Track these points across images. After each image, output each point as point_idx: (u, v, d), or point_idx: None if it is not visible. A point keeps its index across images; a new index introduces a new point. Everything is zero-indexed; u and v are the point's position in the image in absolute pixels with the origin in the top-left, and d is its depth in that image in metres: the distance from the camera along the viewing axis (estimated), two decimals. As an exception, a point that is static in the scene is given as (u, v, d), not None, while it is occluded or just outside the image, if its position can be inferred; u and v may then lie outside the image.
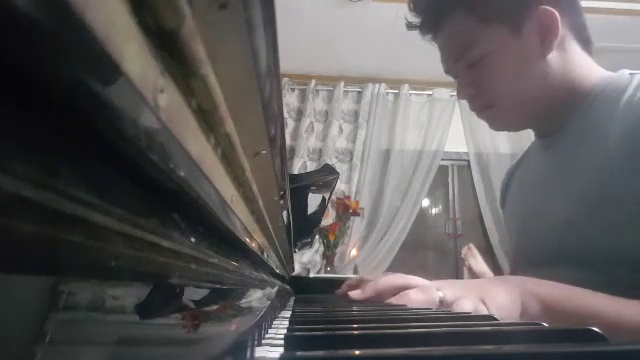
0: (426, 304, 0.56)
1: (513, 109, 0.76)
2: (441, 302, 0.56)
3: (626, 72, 0.71)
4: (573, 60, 0.73)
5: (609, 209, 0.62)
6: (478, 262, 1.80)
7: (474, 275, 1.75)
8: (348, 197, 3.04)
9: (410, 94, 3.30)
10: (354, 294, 0.67)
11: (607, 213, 0.62)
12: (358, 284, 0.87)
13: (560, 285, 0.59)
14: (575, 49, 0.74)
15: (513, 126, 0.81)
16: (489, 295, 0.55)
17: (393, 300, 0.58)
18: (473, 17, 0.72)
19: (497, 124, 0.80)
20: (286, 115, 3.16)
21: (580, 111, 0.72)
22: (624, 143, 0.61)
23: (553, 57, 0.72)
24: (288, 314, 0.67)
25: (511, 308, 0.56)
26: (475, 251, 1.83)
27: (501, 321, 0.32)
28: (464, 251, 1.86)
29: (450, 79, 0.83)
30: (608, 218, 0.62)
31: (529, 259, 0.80)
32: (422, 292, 0.57)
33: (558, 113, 0.75)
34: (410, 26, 0.81)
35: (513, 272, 0.97)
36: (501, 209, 1.02)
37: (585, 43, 0.75)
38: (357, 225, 3.06)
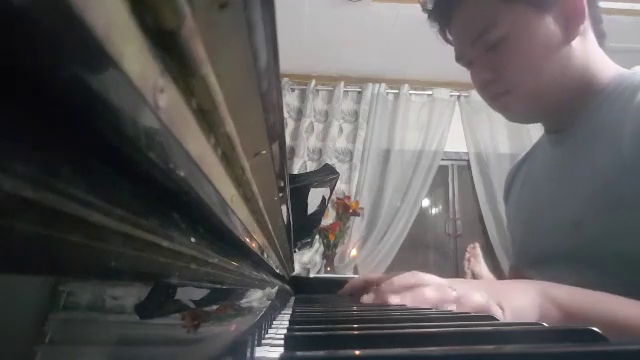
0: (440, 303, 0.53)
1: (530, 96, 0.72)
2: (456, 301, 0.53)
3: (639, 69, 0.69)
4: (592, 51, 0.71)
5: (619, 210, 0.60)
6: (479, 263, 1.79)
7: (474, 277, 1.74)
8: (348, 197, 3.04)
9: (410, 94, 3.30)
10: (367, 299, 0.62)
11: (617, 214, 0.60)
12: (363, 285, 0.84)
13: (581, 290, 0.55)
14: (594, 40, 0.71)
15: (527, 116, 0.77)
16: (507, 298, 0.52)
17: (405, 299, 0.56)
18: None
19: (511, 113, 0.76)
20: (286, 115, 3.16)
21: (592, 107, 0.70)
22: (637, 143, 0.59)
23: (576, 44, 0.69)
24: (288, 314, 0.67)
25: (529, 313, 0.53)
26: (478, 251, 1.82)
27: (501, 321, 0.32)
28: (469, 249, 1.85)
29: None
30: (618, 220, 0.60)
31: (534, 258, 0.79)
32: (436, 290, 0.55)
33: (571, 107, 0.72)
34: (426, 9, 0.77)
35: (514, 269, 0.96)
36: (504, 203, 0.99)
37: (600, 37, 0.73)
38: (357, 225, 3.06)
